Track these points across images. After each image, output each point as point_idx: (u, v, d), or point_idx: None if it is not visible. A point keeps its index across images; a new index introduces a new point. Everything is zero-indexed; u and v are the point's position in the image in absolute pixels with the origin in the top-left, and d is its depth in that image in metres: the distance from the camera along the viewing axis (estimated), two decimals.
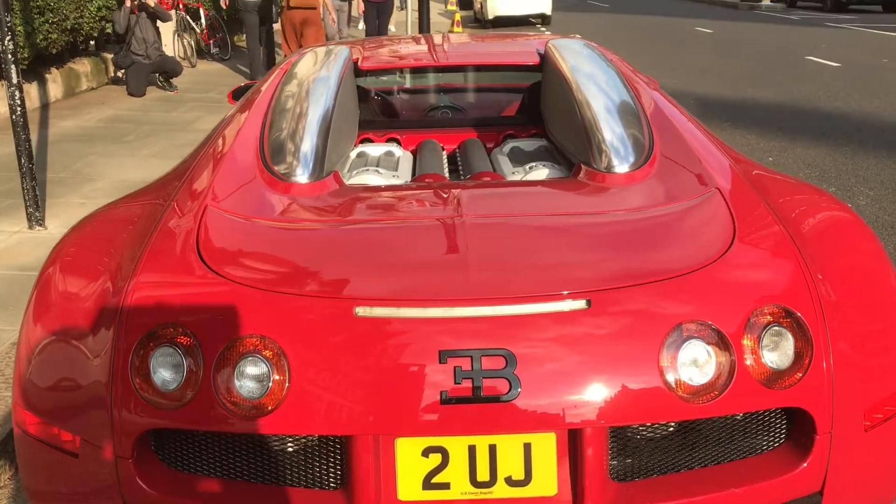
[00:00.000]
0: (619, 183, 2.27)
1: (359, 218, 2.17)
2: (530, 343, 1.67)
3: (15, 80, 4.69)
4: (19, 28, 7.68)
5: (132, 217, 2.23)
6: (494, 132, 3.27)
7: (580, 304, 1.71)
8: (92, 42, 10.41)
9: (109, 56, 10.35)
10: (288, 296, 1.76)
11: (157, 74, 10.03)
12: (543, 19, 21.36)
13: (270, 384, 1.67)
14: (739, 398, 1.69)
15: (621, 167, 2.31)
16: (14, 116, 4.77)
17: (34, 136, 6.24)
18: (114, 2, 9.83)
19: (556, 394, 1.65)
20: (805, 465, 1.76)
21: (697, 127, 2.63)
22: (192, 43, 12.61)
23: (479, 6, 22.03)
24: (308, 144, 2.40)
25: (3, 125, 6.81)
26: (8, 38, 4.59)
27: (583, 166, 2.40)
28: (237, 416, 1.68)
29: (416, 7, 12.63)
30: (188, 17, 12.56)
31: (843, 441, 1.79)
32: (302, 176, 2.31)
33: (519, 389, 1.64)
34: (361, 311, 1.71)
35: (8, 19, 4.57)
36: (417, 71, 3.58)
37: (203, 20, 12.89)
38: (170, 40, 11.84)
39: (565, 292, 1.73)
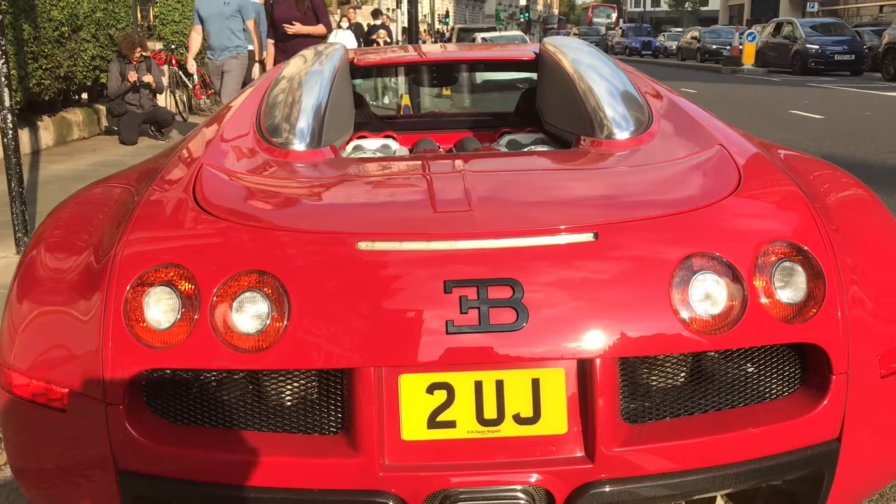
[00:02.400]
0: (620, 148, 2.25)
1: (359, 173, 2.14)
2: (537, 273, 1.62)
3: (7, 104, 4.68)
4: (13, 71, 7.73)
5: (115, 195, 2.17)
6: (490, 132, 3.27)
7: (587, 236, 1.68)
8: (85, 94, 10.49)
9: (102, 108, 10.42)
10: (287, 232, 1.72)
11: (150, 124, 10.09)
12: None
13: (269, 320, 1.62)
14: (752, 331, 1.64)
15: (622, 134, 2.30)
16: (6, 140, 4.76)
17: (25, 177, 6.21)
18: (108, 52, 9.94)
19: (565, 324, 1.59)
20: (821, 407, 1.70)
21: (700, 108, 2.63)
22: (185, 98, 12.73)
23: None
24: (304, 119, 2.38)
25: None
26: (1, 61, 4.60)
27: (583, 137, 2.39)
28: (236, 353, 1.61)
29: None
30: (181, 73, 12.70)
31: (860, 384, 1.73)
32: (299, 144, 2.28)
33: (526, 318, 1.58)
34: (364, 245, 1.67)
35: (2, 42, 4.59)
36: (413, 70, 3.59)
37: (195, 76, 13.04)
38: (163, 94, 11.94)
39: (572, 225, 1.70)
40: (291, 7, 7.43)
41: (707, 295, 1.64)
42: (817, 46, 24.25)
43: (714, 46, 32.02)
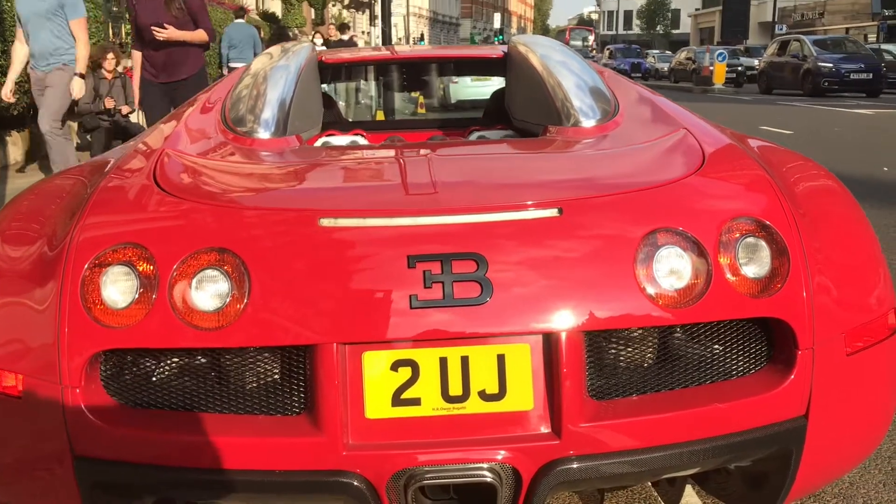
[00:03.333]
0: (586, 135, 2.26)
1: (324, 158, 2.13)
2: (502, 248, 1.61)
3: None
4: None
5: (69, 186, 2.13)
6: (461, 131, 3.27)
7: (552, 212, 1.67)
8: None
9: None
10: (249, 210, 1.69)
11: (121, 140, 10.02)
12: None
13: (230, 298, 1.59)
14: (717, 305, 1.64)
15: (588, 122, 2.30)
16: None
17: None
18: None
19: (529, 298, 1.58)
20: (788, 382, 1.70)
21: (671, 102, 2.65)
22: None
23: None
24: (269, 110, 2.37)
25: None
26: None
27: (550, 127, 2.40)
28: (195, 331, 1.58)
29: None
30: None
31: (826, 361, 1.73)
32: (264, 133, 2.27)
33: (491, 293, 1.57)
34: (326, 221, 1.65)
35: None
36: (382, 70, 3.59)
37: None
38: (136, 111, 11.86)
39: (537, 202, 1.69)
40: (159, 7, 5.83)
41: (671, 269, 1.64)
42: (830, 65, 22.66)
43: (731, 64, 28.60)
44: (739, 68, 29.12)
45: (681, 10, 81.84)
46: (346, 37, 16.82)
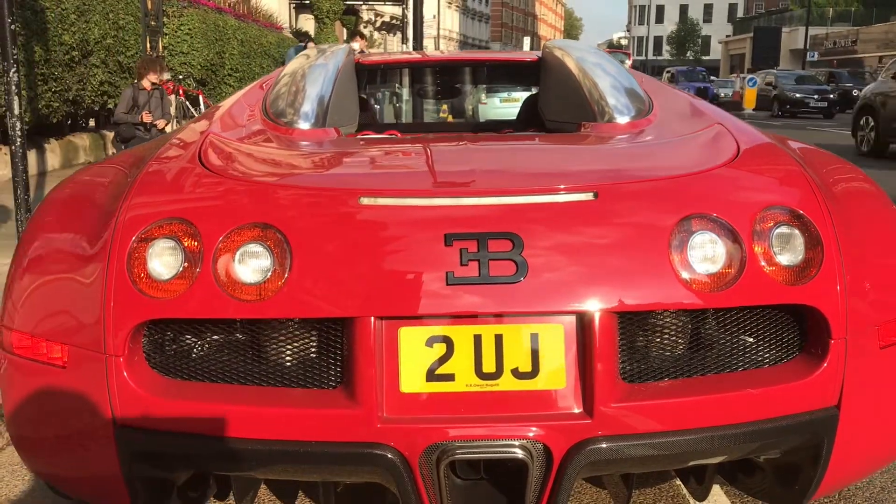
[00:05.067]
0: (621, 131, 2.29)
1: (363, 146, 2.17)
2: (537, 228, 1.64)
3: (17, 112, 4.74)
4: (23, 91, 7.82)
5: (114, 174, 2.17)
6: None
7: (587, 195, 1.70)
8: (92, 121, 10.61)
9: (109, 134, 10.53)
10: (290, 188, 1.74)
11: None
12: None
13: (272, 271, 1.63)
14: (750, 291, 1.65)
15: (622, 119, 2.33)
16: (13, 147, 4.80)
17: (31, 195, 6.24)
18: (117, 78, 10.07)
19: (564, 278, 1.61)
20: (820, 370, 1.70)
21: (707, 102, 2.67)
22: None
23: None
24: (309, 104, 2.43)
25: (4, 186, 6.84)
26: (13, 70, 4.67)
27: (584, 124, 2.43)
28: (237, 302, 1.62)
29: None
30: (187, 104, 12.85)
31: (859, 352, 1.74)
32: (304, 124, 2.32)
33: (526, 272, 1.59)
34: (366, 200, 1.69)
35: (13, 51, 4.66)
36: (417, 73, 3.64)
37: (202, 106, 13.19)
38: (169, 124, 12.06)
39: (573, 185, 1.72)
40: None
41: (705, 254, 1.66)
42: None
43: (798, 96, 26.14)
44: (831, 96, 25.87)
45: (711, 37, 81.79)
46: (355, 45, 17.02)
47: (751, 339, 1.75)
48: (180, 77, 12.93)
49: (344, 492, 2.36)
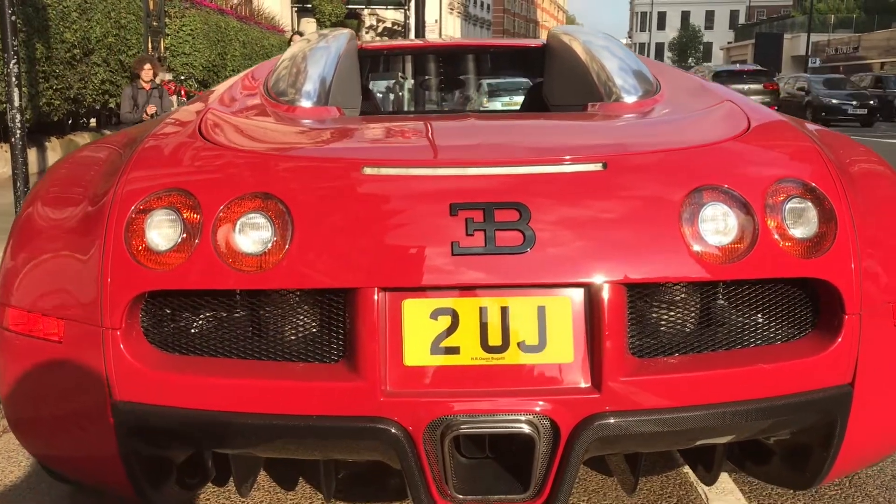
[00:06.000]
0: (628, 110, 2.25)
1: (365, 121, 2.14)
2: (545, 198, 1.60)
3: (17, 103, 4.71)
4: (24, 89, 7.80)
5: (108, 154, 2.13)
6: None
7: (596, 166, 1.66)
8: (94, 121, 10.59)
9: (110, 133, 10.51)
10: (292, 158, 1.70)
11: None
12: None
13: (273, 241, 1.59)
14: (762, 263, 1.61)
15: (629, 98, 2.30)
16: (13, 139, 4.78)
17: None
18: (119, 77, 10.05)
19: (572, 249, 1.57)
20: (835, 346, 1.66)
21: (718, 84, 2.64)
22: None
23: None
24: (311, 84, 2.39)
25: (4, 183, 6.81)
26: (13, 61, 4.64)
27: (591, 104, 2.39)
28: (237, 273, 1.58)
29: None
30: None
31: (873, 328, 1.70)
32: (306, 103, 2.29)
33: (533, 242, 1.56)
34: (369, 170, 1.65)
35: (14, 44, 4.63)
36: (420, 59, 3.60)
37: None
38: None
39: (580, 156, 1.68)
40: None
41: (716, 226, 1.62)
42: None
43: (834, 102, 23.53)
44: (871, 102, 23.55)
45: (713, 44, 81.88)
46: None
47: (763, 315, 1.71)
48: (182, 77, 12.91)
49: (345, 477, 2.32)
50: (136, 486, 1.77)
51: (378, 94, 3.65)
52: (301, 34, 13.85)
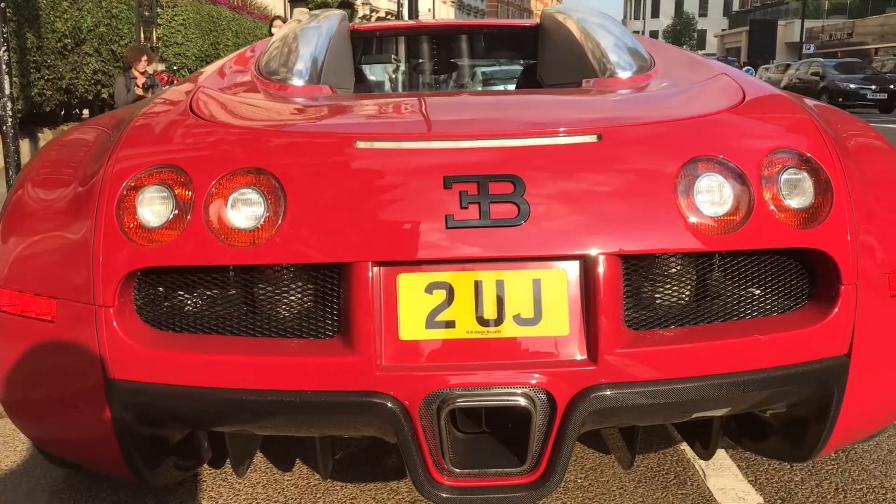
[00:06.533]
0: (622, 85, 2.24)
1: (358, 98, 2.13)
2: (540, 171, 1.59)
3: (7, 91, 4.68)
4: (15, 78, 7.76)
5: (97, 135, 2.12)
6: None
7: (591, 137, 1.65)
8: (86, 112, 10.54)
9: None
10: (285, 133, 1.69)
11: None
12: None
13: (265, 217, 1.58)
14: (758, 234, 1.61)
15: (624, 74, 2.29)
16: (4, 128, 4.75)
17: None
18: (110, 67, 10.00)
19: (567, 221, 1.56)
20: (830, 317, 1.66)
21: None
22: None
23: None
24: (303, 63, 2.37)
25: None
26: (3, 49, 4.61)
27: (585, 80, 2.38)
28: (230, 248, 1.57)
29: None
30: None
31: (870, 299, 1.69)
32: (297, 81, 2.27)
33: (528, 214, 1.54)
34: (362, 143, 1.64)
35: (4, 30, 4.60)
36: (413, 40, 3.58)
37: None
38: None
39: (575, 128, 1.67)
40: None
41: (712, 197, 1.61)
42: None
43: (852, 87, 22.46)
44: (892, 87, 22.45)
45: (707, 31, 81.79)
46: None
47: (759, 286, 1.71)
48: (175, 68, 12.86)
49: (343, 458, 2.31)
50: (131, 466, 1.76)
51: (371, 78, 3.62)
52: (284, 20, 13.78)
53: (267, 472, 2.28)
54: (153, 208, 1.63)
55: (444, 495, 1.59)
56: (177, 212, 1.61)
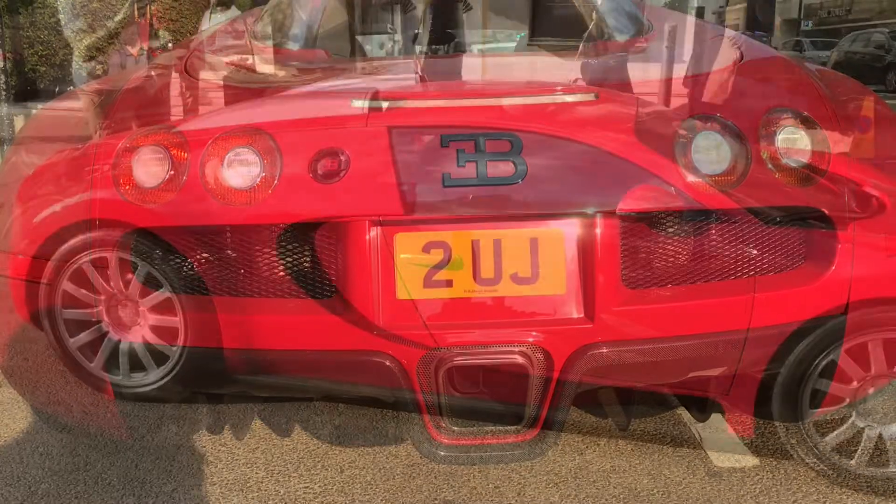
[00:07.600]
0: (620, 48, 2.23)
1: (353, 63, 2.12)
2: (537, 129, 1.58)
3: (0, 64, 4.65)
4: (8, 53, 7.70)
5: (87, 101, 2.12)
6: None
7: (588, 96, 1.65)
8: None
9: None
10: (280, 93, 1.68)
11: None
12: None
13: (261, 175, 1.58)
14: (756, 192, 1.61)
15: (622, 37, 2.27)
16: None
17: None
18: (104, 43, 9.92)
19: (564, 180, 1.56)
20: (828, 275, 1.66)
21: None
22: None
23: None
24: (298, 27, 2.36)
25: None
26: None
27: (582, 45, 2.37)
28: (227, 207, 1.57)
29: None
30: None
31: (866, 257, 1.69)
32: (293, 45, 2.25)
33: (525, 173, 1.54)
34: (359, 102, 1.63)
35: None
36: (408, 7, 3.54)
37: None
38: None
39: (572, 87, 1.67)
40: None
41: (709, 155, 1.61)
42: None
43: None
44: None
45: (705, 8, 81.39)
46: None
47: (755, 245, 1.71)
48: (170, 45, 12.77)
49: (341, 424, 2.32)
50: None
51: (367, 47, 3.59)
52: None
53: (266, 437, 2.29)
54: (149, 169, 1.63)
55: (443, 454, 1.60)
56: (172, 172, 1.61)
